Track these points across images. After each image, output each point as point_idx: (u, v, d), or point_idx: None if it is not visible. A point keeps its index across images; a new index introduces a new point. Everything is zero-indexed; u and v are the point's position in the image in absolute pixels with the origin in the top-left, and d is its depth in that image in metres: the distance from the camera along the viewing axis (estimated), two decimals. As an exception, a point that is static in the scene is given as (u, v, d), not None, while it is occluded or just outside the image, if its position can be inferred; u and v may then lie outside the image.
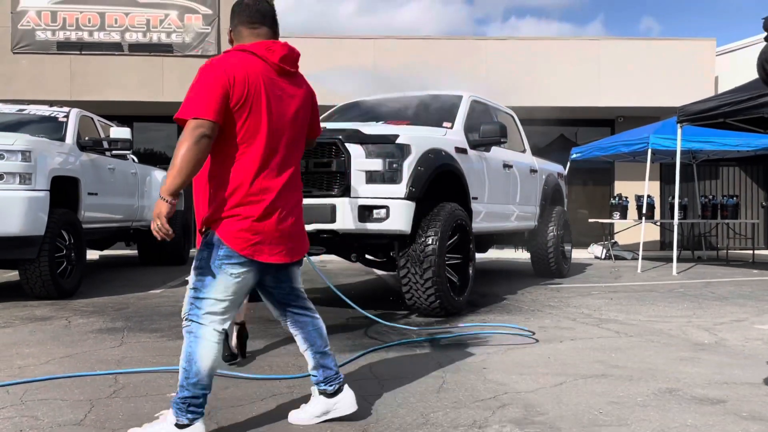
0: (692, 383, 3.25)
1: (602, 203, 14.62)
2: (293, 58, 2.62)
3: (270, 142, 2.47)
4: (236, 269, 2.42)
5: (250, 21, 2.61)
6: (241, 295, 2.52)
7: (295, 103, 2.60)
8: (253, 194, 2.43)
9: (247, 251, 2.41)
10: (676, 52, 13.52)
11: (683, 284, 7.83)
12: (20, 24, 12.55)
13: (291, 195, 2.58)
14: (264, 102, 2.44)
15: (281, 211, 2.50)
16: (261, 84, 2.45)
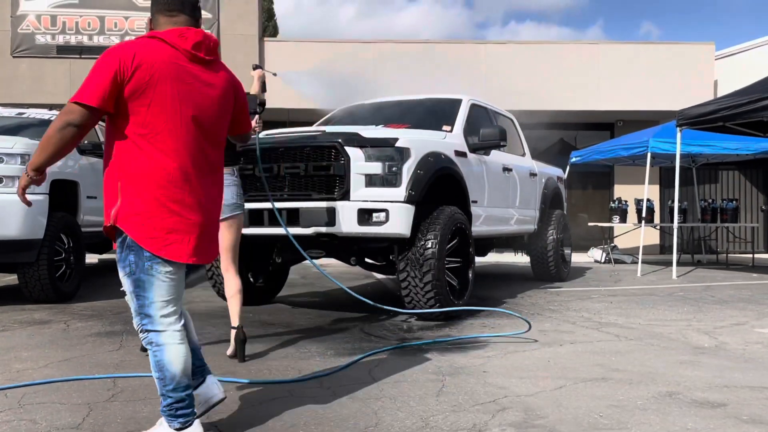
0: (692, 387, 3.25)
1: (602, 207, 14.62)
2: (208, 45, 2.46)
3: (181, 132, 2.33)
4: (166, 267, 2.33)
5: (167, 8, 2.48)
6: (182, 290, 2.43)
7: (212, 92, 2.45)
8: (164, 188, 2.30)
9: (164, 251, 2.30)
10: (675, 56, 13.54)
11: (683, 288, 7.83)
12: (20, 28, 12.57)
13: (208, 189, 2.44)
14: (169, 90, 2.31)
15: (199, 207, 2.37)
16: (165, 71, 2.31)
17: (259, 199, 5.23)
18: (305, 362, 3.78)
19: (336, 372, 3.52)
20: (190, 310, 5.75)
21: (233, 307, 3.95)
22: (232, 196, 3.95)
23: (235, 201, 3.97)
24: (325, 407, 2.89)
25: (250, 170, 5.32)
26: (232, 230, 3.98)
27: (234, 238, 4.00)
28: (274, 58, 13.27)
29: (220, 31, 12.88)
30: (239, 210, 4.01)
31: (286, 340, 4.45)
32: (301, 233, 5.00)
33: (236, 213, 3.99)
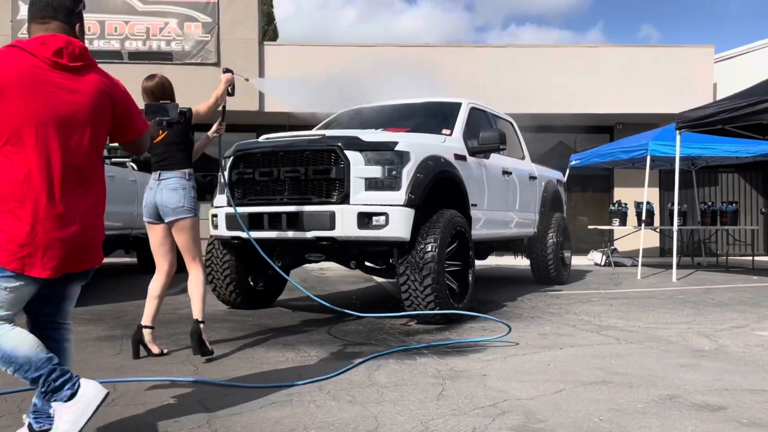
0: (692, 390, 3.24)
1: (602, 210, 14.62)
2: (72, 51, 2.35)
3: (36, 143, 2.24)
4: (9, 283, 2.23)
5: (40, 16, 2.39)
6: (23, 302, 2.32)
7: (76, 99, 2.35)
8: (19, 200, 2.21)
9: (14, 265, 2.21)
10: (675, 58, 13.56)
11: (683, 291, 7.82)
12: (20, 32, 12.57)
13: (76, 200, 2.34)
14: (21, 99, 2.23)
15: (59, 218, 2.27)
16: (18, 80, 2.22)
17: (258, 203, 5.24)
18: (305, 366, 3.78)
19: (335, 376, 3.52)
20: (189, 314, 5.75)
21: (193, 300, 4.13)
22: (179, 199, 3.99)
23: (181, 205, 4.00)
24: (325, 411, 2.89)
25: (250, 174, 5.33)
26: (181, 233, 4.05)
27: (185, 240, 4.06)
28: (274, 62, 13.30)
29: (220, 35, 12.91)
30: (187, 214, 4.02)
31: (285, 343, 4.45)
32: (301, 237, 5.01)
33: (182, 216, 4.01)
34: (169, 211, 4.00)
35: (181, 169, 4.05)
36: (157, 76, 4.14)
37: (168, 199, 3.99)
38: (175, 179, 4.01)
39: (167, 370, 3.69)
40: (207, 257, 5.98)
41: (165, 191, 4.00)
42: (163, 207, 4.01)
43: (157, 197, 4.03)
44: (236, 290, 5.93)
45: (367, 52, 13.47)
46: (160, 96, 4.05)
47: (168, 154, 4.05)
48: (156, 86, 4.08)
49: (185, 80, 12.89)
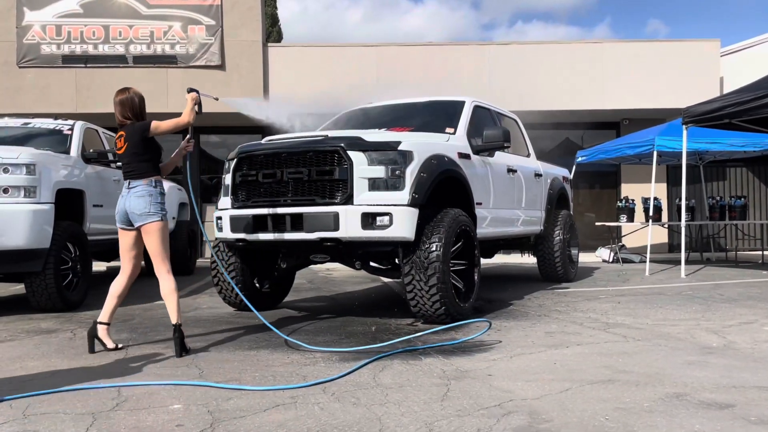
0: (700, 387, 3.21)
1: (609, 206, 14.55)
2: None
3: None
4: None
5: None
6: None
7: None
8: None
9: None
10: (681, 53, 13.48)
11: (692, 287, 7.77)
12: (25, 38, 12.65)
13: None
14: None
15: None
16: None
17: (262, 204, 5.23)
18: (310, 368, 3.77)
19: (340, 378, 3.51)
20: (196, 317, 5.78)
21: (168, 306, 4.26)
22: (145, 205, 4.22)
23: (147, 210, 4.22)
24: (329, 414, 2.88)
25: (254, 176, 5.33)
26: (149, 236, 4.25)
27: (153, 243, 4.25)
28: (278, 63, 13.30)
29: (223, 37, 12.92)
30: (153, 218, 4.22)
31: (289, 346, 4.44)
32: (305, 238, 5.00)
33: (149, 221, 4.22)
34: (137, 217, 4.24)
35: (148, 177, 4.27)
36: (128, 91, 4.37)
37: (135, 205, 4.23)
38: (142, 187, 4.25)
39: (172, 374, 3.69)
40: (212, 260, 5.98)
41: (132, 198, 4.25)
42: (131, 213, 4.25)
43: (126, 204, 4.28)
44: (242, 292, 5.91)
45: (370, 52, 13.46)
46: (129, 109, 4.32)
47: (133, 165, 4.29)
48: (125, 99, 4.32)
49: (190, 83, 12.91)
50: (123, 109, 4.30)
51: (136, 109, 4.33)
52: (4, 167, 5.77)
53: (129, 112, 4.31)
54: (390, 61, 13.30)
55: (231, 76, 12.96)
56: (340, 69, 13.24)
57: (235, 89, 12.93)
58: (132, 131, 4.28)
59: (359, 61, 13.32)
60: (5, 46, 12.67)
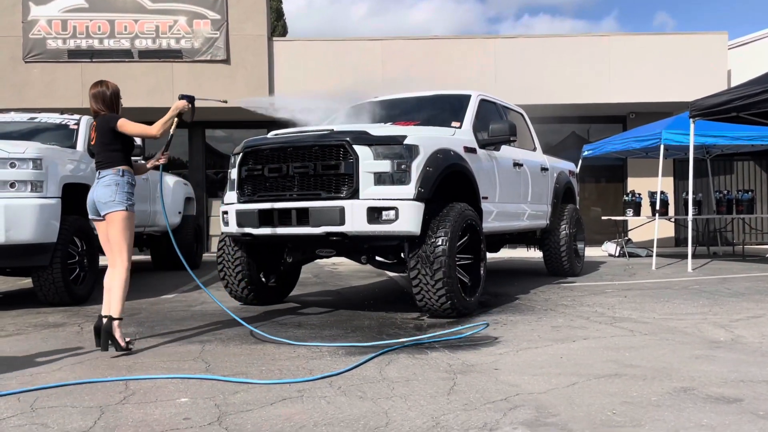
0: (707, 382, 3.20)
1: (615, 200, 14.51)
2: None
3: None
4: None
5: None
6: None
7: None
8: None
9: None
10: (688, 46, 13.40)
11: (698, 281, 7.74)
12: (31, 33, 12.67)
13: None
14: None
15: None
16: None
17: (268, 199, 5.24)
18: (316, 362, 3.77)
19: (346, 371, 3.51)
20: (202, 311, 5.79)
21: (112, 297, 4.15)
22: (110, 194, 4.16)
23: (111, 199, 4.15)
24: (336, 407, 2.88)
25: (259, 170, 5.33)
26: (111, 225, 4.18)
27: (114, 232, 4.17)
28: (283, 57, 13.29)
29: (228, 31, 12.91)
30: (117, 207, 4.15)
31: (297, 339, 4.45)
32: (311, 233, 5.00)
33: (112, 210, 4.15)
34: (102, 205, 4.19)
35: (116, 166, 4.22)
36: (102, 84, 4.36)
37: (101, 194, 4.19)
38: (109, 176, 4.20)
39: (179, 367, 3.70)
40: (218, 254, 5.99)
41: (99, 187, 4.21)
42: (98, 202, 4.21)
43: (94, 194, 4.24)
44: (248, 286, 5.93)
45: (375, 46, 13.44)
46: (101, 101, 4.30)
47: (103, 155, 4.25)
48: (97, 93, 4.31)
49: (195, 78, 12.94)
50: (96, 102, 4.29)
51: (107, 101, 4.29)
52: (11, 162, 5.78)
53: (101, 104, 4.29)
54: (395, 55, 13.27)
55: (236, 70, 12.96)
56: (345, 63, 13.22)
57: (239, 83, 12.94)
58: (102, 122, 4.25)
59: (364, 55, 13.30)
60: (11, 41, 12.70)
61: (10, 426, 2.69)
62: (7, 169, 5.78)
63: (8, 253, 5.79)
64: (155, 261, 10.36)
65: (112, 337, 4.05)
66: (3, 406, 2.98)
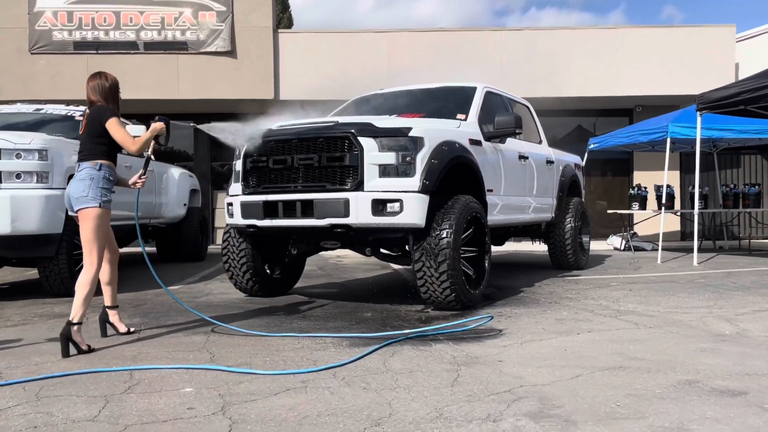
0: (712, 375, 3.19)
1: (621, 194, 14.46)
2: None
3: None
4: None
5: None
6: None
7: None
8: None
9: None
10: (695, 39, 13.30)
11: (704, 275, 7.71)
12: (37, 25, 12.68)
13: None
14: None
15: None
16: None
17: (272, 191, 5.23)
18: (320, 353, 3.77)
19: (350, 363, 3.51)
20: (207, 302, 5.81)
21: (76, 298, 3.89)
22: (83, 189, 3.93)
23: (84, 194, 3.92)
24: (339, 398, 2.88)
25: (264, 162, 5.33)
26: (82, 222, 3.94)
27: (85, 230, 3.94)
28: (288, 49, 13.26)
29: (234, 23, 12.89)
30: (89, 203, 3.92)
31: (301, 330, 4.45)
32: (315, 225, 4.99)
33: (84, 206, 3.92)
34: (75, 200, 3.96)
35: (94, 160, 4.00)
36: (100, 76, 4.19)
37: (75, 188, 3.97)
38: (86, 170, 3.98)
39: (184, 357, 3.71)
40: (223, 245, 6.00)
41: (74, 182, 4.00)
42: (71, 197, 3.99)
43: (68, 188, 4.04)
44: (253, 278, 5.94)
45: (381, 38, 13.39)
46: (99, 92, 4.13)
47: (87, 146, 4.06)
48: (95, 84, 4.14)
49: (200, 70, 12.93)
50: (93, 93, 4.12)
51: (105, 93, 4.12)
52: (17, 153, 5.80)
53: (99, 96, 4.11)
54: (401, 48, 13.23)
55: (241, 62, 12.94)
56: (350, 55, 13.19)
57: (245, 75, 12.92)
58: (96, 112, 4.07)
59: (370, 47, 13.26)
60: (17, 33, 12.71)
61: (15, 414, 2.71)
62: (13, 160, 5.79)
63: (14, 244, 5.81)
64: (161, 253, 10.38)
65: (72, 342, 3.80)
66: (8, 395, 3.00)
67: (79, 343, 3.85)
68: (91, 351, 3.88)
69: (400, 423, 2.56)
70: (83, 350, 3.85)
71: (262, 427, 2.53)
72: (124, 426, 2.55)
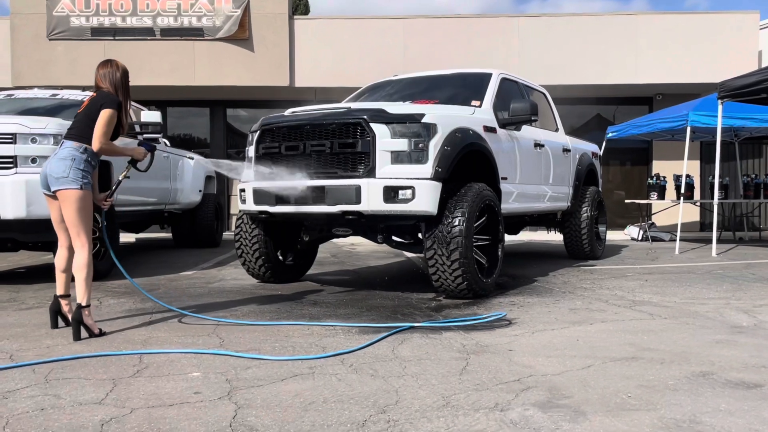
0: (727, 366, 3.13)
1: (640, 183, 14.28)
2: None
3: None
4: None
5: None
6: None
7: None
8: None
9: None
10: (718, 25, 13.05)
11: (722, 266, 7.59)
12: (55, 11, 12.74)
13: None
14: None
15: None
16: None
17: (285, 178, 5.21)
18: (329, 339, 3.76)
19: (359, 350, 3.49)
20: (219, 288, 5.82)
21: (77, 282, 3.88)
22: (64, 169, 3.80)
23: (65, 175, 3.80)
24: (346, 385, 2.86)
25: (276, 148, 5.31)
26: (64, 204, 3.83)
27: (68, 212, 3.83)
28: (304, 36, 13.21)
29: (250, 9, 12.86)
30: (70, 185, 3.80)
31: (311, 317, 4.45)
32: (327, 211, 4.97)
33: (64, 187, 3.80)
34: (54, 180, 3.83)
35: (80, 141, 3.89)
36: (110, 64, 4.10)
37: (55, 167, 3.83)
38: (69, 149, 3.86)
39: (193, 342, 3.72)
40: (236, 232, 6.01)
41: (54, 160, 3.86)
42: (49, 177, 3.85)
43: (47, 166, 3.88)
44: (265, 264, 5.94)
45: (397, 24, 13.30)
46: (109, 81, 4.04)
47: (76, 124, 3.96)
48: (106, 72, 4.06)
49: (216, 56, 12.93)
50: (102, 80, 4.04)
51: (116, 83, 4.04)
52: (32, 137, 5.83)
53: (108, 83, 4.03)
54: (417, 34, 13.12)
55: (257, 48, 12.92)
56: (366, 42, 13.12)
57: (260, 62, 12.91)
58: (101, 97, 3.97)
59: (386, 34, 13.17)
60: (35, 19, 12.78)
61: (23, 396, 2.72)
62: (29, 145, 5.83)
63: (29, 228, 5.85)
64: (176, 239, 10.44)
65: (84, 326, 3.82)
66: (18, 377, 3.02)
67: (91, 327, 3.87)
68: (102, 335, 3.90)
69: (406, 411, 2.53)
70: (95, 333, 3.87)
71: (267, 412, 2.52)
72: (130, 409, 2.56)
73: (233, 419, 2.45)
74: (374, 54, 12.90)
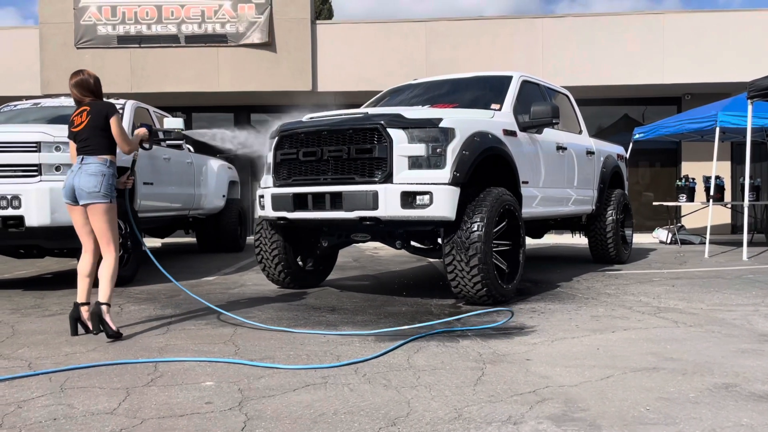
0: (752, 378, 3.02)
1: (668, 185, 14.01)
2: None
3: None
4: None
5: None
6: None
7: None
8: None
9: None
10: (748, 23, 12.75)
11: (753, 270, 7.39)
12: (82, 20, 12.97)
13: None
14: None
15: None
16: None
17: (302, 183, 5.21)
18: (345, 347, 3.73)
19: (373, 358, 3.46)
20: (240, 294, 5.84)
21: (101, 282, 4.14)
22: (95, 185, 4.07)
23: (96, 190, 4.07)
24: (358, 395, 2.83)
25: (294, 154, 5.30)
26: (95, 217, 4.10)
27: (99, 225, 4.11)
28: (327, 41, 13.24)
29: (272, 15, 12.93)
30: (102, 199, 4.08)
31: (328, 324, 4.42)
32: (344, 217, 4.95)
33: (95, 201, 4.07)
34: (84, 195, 4.08)
35: (102, 155, 4.14)
36: (82, 73, 4.29)
37: (85, 183, 4.08)
38: (96, 165, 4.11)
39: (209, 350, 3.72)
40: (256, 237, 6.02)
41: (84, 175, 4.09)
42: (79, 190, 4.09)
43: (75, 180, 4.11)
44: (285, 270, 5.95)
45: (420, 27, 13.25)
46: (86, 89, 4.24)
47: (91, 140, 4.14)
48: (80, 81, 4.24)
49: (240, 62, 13.03)
50: (80, 90, 4.21)
51: (92, 88, 4.24)
52: (56, 146, 5.92)
53: (86, 91, 4.22)
54: (440, 37, 13.07)
55: (280, 54, 12.99)
56: (388, 46, 13.10)
57: (283, 67, 12.97)
58: (100, 107, 4.18)
59: (408, 37, 13.14)
60: (63, 28, 13.02)
61: (38, 406, 2.74)
62: (53, 153, 5.92)
63: (54, 235, 5.94)
64: (201, 244, 10.53)
65: (102, 322, 4.01)
66: (34, 385, 3.04)
67: (109, 323, 4.01)
68: (119, 336, 4.01)
69: (417, 423, 2.49)
70: (112, 331, 4.00)
71: (276, 424, 2.50)
72: (141, 420, 2.56)
73: (242, 431, 2.43)
74: (397, 57, 12.87)
